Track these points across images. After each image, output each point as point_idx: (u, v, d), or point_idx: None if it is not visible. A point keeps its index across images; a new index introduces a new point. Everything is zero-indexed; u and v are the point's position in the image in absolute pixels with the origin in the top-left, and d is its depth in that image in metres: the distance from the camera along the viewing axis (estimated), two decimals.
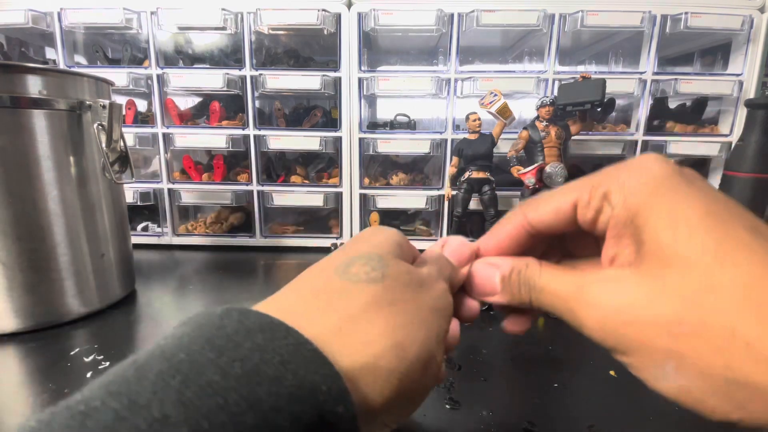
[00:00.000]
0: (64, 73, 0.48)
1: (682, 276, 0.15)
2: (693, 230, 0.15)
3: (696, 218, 0.15)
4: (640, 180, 0.17)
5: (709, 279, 0.14)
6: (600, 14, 0.69)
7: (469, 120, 0.67)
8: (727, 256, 0.14)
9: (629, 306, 0.16)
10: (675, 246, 0.15)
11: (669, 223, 0.15)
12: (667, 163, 0.17)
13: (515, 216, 0.21)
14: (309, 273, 0.19)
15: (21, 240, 0.44)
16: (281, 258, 0.75)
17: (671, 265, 0.15)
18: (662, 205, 0.16)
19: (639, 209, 0.16)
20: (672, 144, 0.75)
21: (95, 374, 0.38)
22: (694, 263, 0.14)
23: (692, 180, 0.16)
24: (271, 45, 0.81)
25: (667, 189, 0.16)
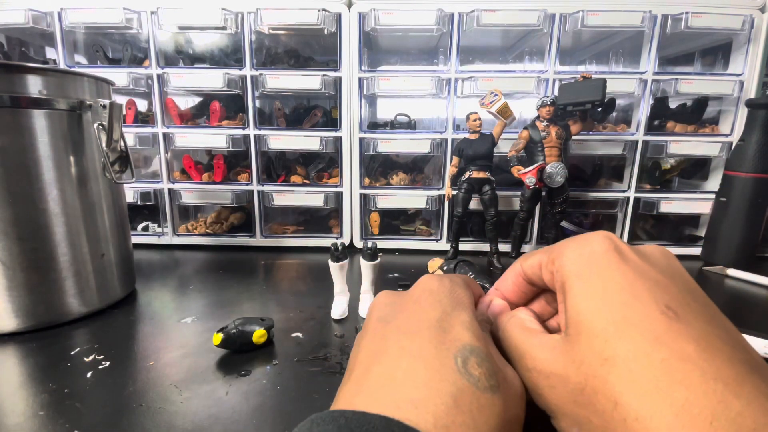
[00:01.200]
0: (65, 73, 0.48)
1: (588, 345, 0.15)
2: (606, 303, 0.16)
3: (612, 292, 0.16)
4: (578, 252, 0.18)
5: (607, 350, 0.15)
6: (600, 14, 0.69)
7: (470, 120, 0.67)
8: (627, 330, 0.15)
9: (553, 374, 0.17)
10: (587, 315, 0.16)
11: (587, 294, 0.16)
12: (609, 241, 0.18)
13: (515, 266, 0.23)
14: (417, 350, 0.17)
15: (21, 240, 0.44)
16: (281, 258, 0.75)
17: (581, 334, 0.16)
18: (588, 277, 0.17)
19: (568, 277, 0.18)
20: (672, 144, 0.74)
21: (95, 374, 0.38)
22: (598, 333, 0.15)
23: (628, 259, 0.17)
24: (272, 45, 0.81)
25: (596, 263, 0.17)
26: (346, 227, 0.81)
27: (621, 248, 0.18)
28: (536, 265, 0.21)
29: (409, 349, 0.17)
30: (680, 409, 0.13)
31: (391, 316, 0.20)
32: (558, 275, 0.18)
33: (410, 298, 0.21)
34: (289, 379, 0.38)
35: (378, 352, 0.18)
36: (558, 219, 0.70)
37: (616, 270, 0.17)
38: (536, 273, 0.21)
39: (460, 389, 0.16)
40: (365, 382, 0.17)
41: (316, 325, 0.48)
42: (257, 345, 0.42)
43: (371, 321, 0.21)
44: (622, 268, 0.17)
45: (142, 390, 0.36)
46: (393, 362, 0.17)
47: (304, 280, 0.64)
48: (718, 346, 0.14)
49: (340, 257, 0.49)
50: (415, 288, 0.22)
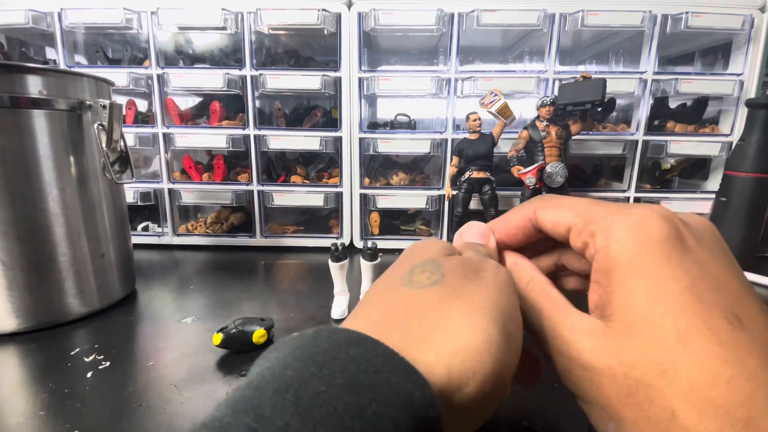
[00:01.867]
0: (64, 73, 0.48)
1: (643, 352, 0.15)
2: (668, 305, 0.15)
3: (675, 293, 0.15)
4: (632, 235, 0.16)
5: (668, 362, 0.14)
6: (600, 14, 0.69)
7: (470, 120, 0.67)
8: (692, 341, 0.14)
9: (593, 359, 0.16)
10: (646, 315, 0.15)
11: (647, 291, 0.15)
12: (669, 224, 0.16)
13: (526, 206, 0.22)
14: (376, 290, 0.19)
15: (21, 240, 0.44)
16: (281, 258, 0.75)
17: (637, 334, 0.15)
18: (645, 269, 0.15)
19: (620, 264, 0.16)
20: (672, 144, 0.74)
21: (95, 374, 0.38)
22: (659, 340, 0.15)
23: (689, 249, 0.16)
24: (272, 45, 0.81)
25: (656, 254, 0.16)
26: (346, 227, 0.81)
27: (682, 234, 0.16)
28: (561, 224, 0.19)
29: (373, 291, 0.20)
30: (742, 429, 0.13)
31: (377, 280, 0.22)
32: (602, 256, 0.17)
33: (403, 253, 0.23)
34: None
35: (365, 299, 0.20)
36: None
37: (678, 265, 0.15)
38: (559, 232, 0.19)
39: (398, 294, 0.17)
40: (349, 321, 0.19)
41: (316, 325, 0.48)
42: (257, 345, 0.42)
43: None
44: (685, 263, 0.15)
45: (142, 390, 0.36)
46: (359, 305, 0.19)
47: (304, 280, 0.64)
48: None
49: (340, 257, 0.49)
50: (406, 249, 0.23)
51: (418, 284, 0.17)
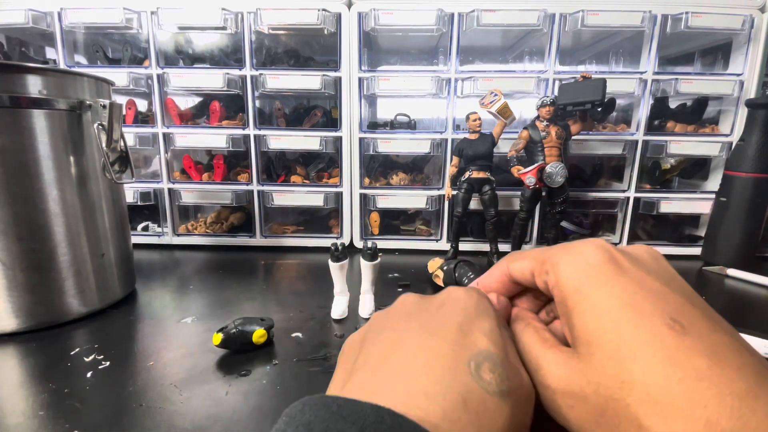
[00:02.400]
0: (64, 73, 0.48)
1: (603, 368, 0.16)
2: (612, 321, 0.16)
3: (616, 309, 0.16)
4: (573, 265, 0.18)
5: (624, 373, 0.15)
6: (600, 14, 0.69)
7: (470, 120, 0.67)
8: (639, 350, 0.15)
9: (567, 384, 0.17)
10: (597, 334, 0.16)
11: (591, 312, 0.17)
12: (603, 251, 0.18)
13: (502, 265, 0.23)
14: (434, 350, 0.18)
15: (21, 240, 0.44)
16: (281, 258, 0.75)
17: (596, 356, 0.16)
18: (588, 292, 0.17)
19: (568, 294, 0.18)
20: (672, 144, 0.74)
21: (95, 374, 0.38)
22: (613, 356, 0.15)
23: (625, 270, 0.17)
24: (271, 45, 0.81)
25: (595, 277, 0.17)
26: (346, 227, 0.81)
27: (616, 258, 0.18)
28: (526, 271, 0.21)
29: (428, 346, 0.18)
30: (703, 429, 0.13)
31: (416, 315, 0.20)
32: (556, 290, 0.18)
33: (436, 301, 0.21)
34: (289, 379, 0.38)
35: (398, 345, 0.18)
36: (558, 219, 0.70)
37: (615, 284, 0.17)
38: (527, 278, 0.21)
39: (469, 390, 0.16)
40: (380, 371, 0.17)
41: (316, 325, 0.48)
42: (257, 345, 0.42)
43: (394, 315, 0.21)
44: (621, 282, 0.17)
45: (142, 390, 0.36)
46: (411, 355, 0.18)
47: (304, 280, 0.64)
48: (726, 356, 0.14)
49: (340, 257, 0.49)
50: (442, 294, 0.22)
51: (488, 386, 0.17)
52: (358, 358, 0.19)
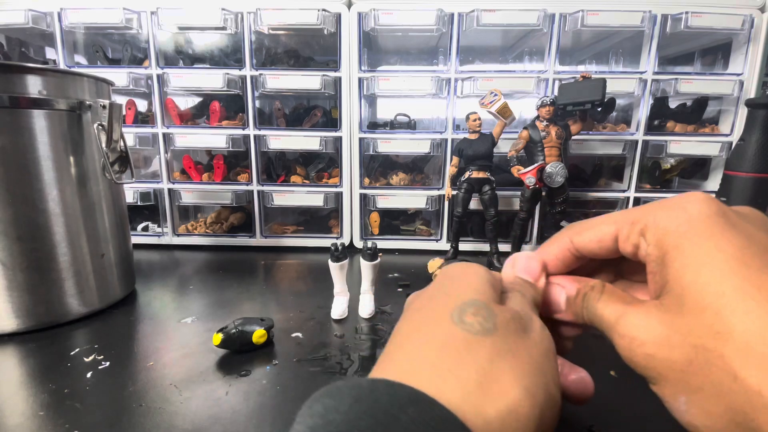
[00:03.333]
0: (64, 73, 0.48)
1: (696, 318, 0.15)
2: (715, 273, 0.15)
3: (721, 262, 0.15)
4: (675, 220, 0.17)
5: (720, 324, 0.14)
6: (600, 14, 0.69)
7: (469, 120, 0.67)
8: (741, 302, 0.14)
9: (651, 342, 0.16)
10: (695, 287, 0.15)
11: (693, 265, 0.16)
12: (709, 204, 0.17)
13: (561, 238, 0.22)
14: (423, 321, 0.19)
15: (21, 240, 0.44)
16: (281, 258, 0.75)
17: (688, 306, 0.15)
18: (691, 246, 0.16)
19: (669, 249, 0.17)
20: (672, 144, 0.74)
21: (95, 374, 0.38)
22: (709, 306, 0.15)
23: (734, 223, 0.16)
24: (271, 45, 0.81)
25: (700, 231, 0.16)
26: (346, 227, 0.81)
27: (725, 211, 0.17)
28: (608, 237, 0.20)
29: (416, 321, 0.19)
30: None
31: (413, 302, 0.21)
32: (654, 247, 0.18)
33: (434, 282, 0.22)
34: (289, 379, 0.38)
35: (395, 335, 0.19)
36: (558, 219, 0.70)
37: (722, 237, 0.16)
38: (607, 246, 0.20)
39: (449, 334, 0.17)
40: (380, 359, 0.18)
41: (316, 325, 0.48)
42: (257, 345, 0.42)
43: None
44: (729, 234, 0.16)
45: (142, 390, 0.36)
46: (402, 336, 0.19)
47: (304, 280, 0.64)
48: None
49: (340, 257, 0.49)
50: (441, 272, 0.23)
51: (470, 327, 0.17)
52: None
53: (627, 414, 0.33)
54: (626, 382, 0.37)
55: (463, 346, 0.16)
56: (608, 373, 0.38)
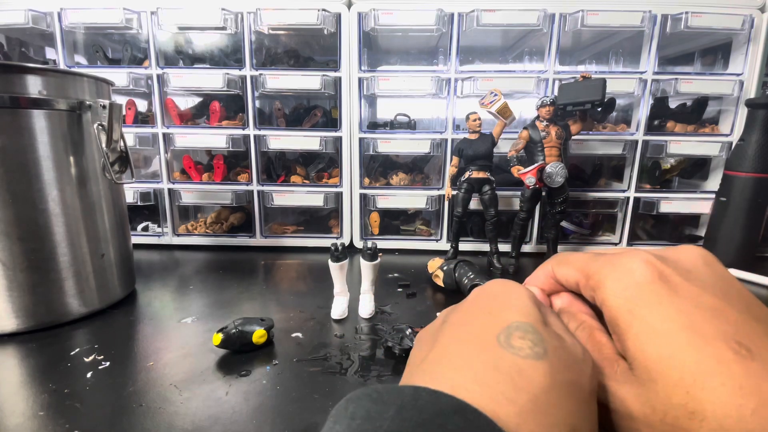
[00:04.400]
0: (64, 73, 0.48)
1: (667, 396, 0.15)
2: (672, 346, 0.15)
3: (675, 333, 0.15)
4: (620, 284, 0.17)
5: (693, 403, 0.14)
6: (600, 14, 0.69)
7: (469, 120, 0.67)
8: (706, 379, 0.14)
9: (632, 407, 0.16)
10: (658, 360, 0.15)
11: (650, 335, 0.16)
12: (651, 268, 0.17)
13: (546, 267, 0.23)
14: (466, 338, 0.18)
15: (21, 240, 0.44)
16: (281, 258, 0.75)
17: (656, 382, 0.15)
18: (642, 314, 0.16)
19: (618, 315, 0.17)
20: (672, 144, 0.74)
21: (95, 374, 0.38)
22: (678, 383, 0.15)
23: (675, 287, 0.16)
24: (271, 45, 0.81)
25: (647, 299, 0.16)
26: (346, 227, 0.81)
27: (665, 275, 0.17)
28: (571, 280, 0.21)
29: (458, 336, 0.18)
30: None
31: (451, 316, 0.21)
32: (604, 308, 0.18)
33: (469, 298, 0.21)
34: (289, 379, 0.38)
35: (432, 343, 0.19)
36: (558, 219, 0.70)
37: (669, 305, 0.16)
38: (572, 287, 0.21)
39: (500, 357, 0.16)
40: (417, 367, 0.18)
41: (316, 325, 0.48)
42: (257, 345, 0.42)
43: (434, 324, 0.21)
44: (675, 302, 0.16)
45: (142, 390, 0.36)
46: (443, 348, 0.18)
47: (304, 280, 0.64)
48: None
49: (340, 257, 0.49)
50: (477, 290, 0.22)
51: (519, 351, 0.16)
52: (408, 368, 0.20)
53: None
54: None
55: (514, 370, 0.16)
56: None
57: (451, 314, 0.21)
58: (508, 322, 0.18)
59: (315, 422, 0.32)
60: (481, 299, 0.20)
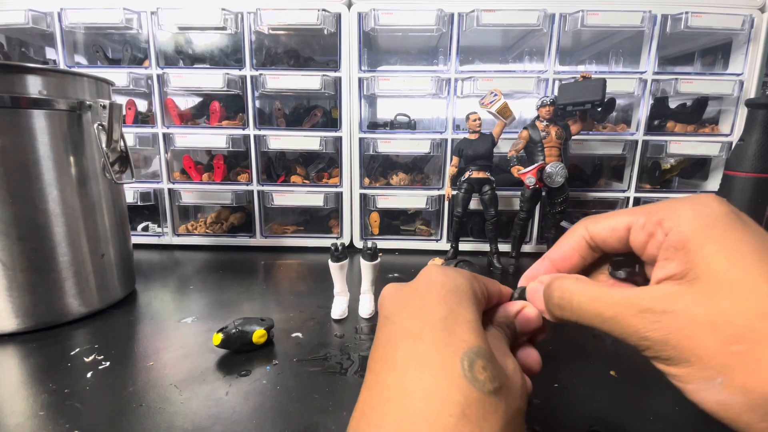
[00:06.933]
0: (64, 73, 0.48)
1: (739, 301, 0.16)
2: (746, 261, 0.16)
3: (749, 252, 0.17)
4: (697, 212, 0.18)
5: (764, 305, 0.16)
6: (600, 14, 0.69)
7: (469, 120, 0.67)
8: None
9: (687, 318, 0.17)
10: (730, 273, 0.16)
11: (724, 253, 0.17)
12: (725, 203, 0.19)
13: (577, 230, 0.23)
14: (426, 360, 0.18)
15: (21, 240, 0.44)
16: (281, 258, 0.75)
17: (727, 290, 0.16)
18: (718, 235, 0.17)
19: (692, 236, 0.18)
20: (672, 144, 0.74)
21: (95, 374, 0.38)
22: (750, 291, 0.16)
23: (747, 222, 0.18)
24: (271, 45, 0.81)
25: (723, 224, 0.18)
26: (346, 227, 0.81)
27: (737, 211, 0.18)
28: (622, 226, 0.21)
29: (415, 356, 0.18)
30: None
31: (397, 314, 0.20)
32: (674, 234, 0.18)
33: (415, 291, 0.21)
34: (289, 379, 0.38)
35: (386, 359, 0.19)
36: (558, 219, 0.70)
37: (743, 231, 0.17)
38: (618, 235, 0.21)
39: (467, 398, 0.17)
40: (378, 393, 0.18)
41: (316, 325, 0.48)
42: (257, 345, 0.42)
43: (380, 319, 0.21)
44: (748, 230, 0.17)
45: (142, 390, 0.36)
46: (401, 372, 0.18)
47: (304, 280, 0.64)
48: None
49: (340, 257, 0.49)
50: (420, 280, 0.22)
51: (483, 387, 0.17)
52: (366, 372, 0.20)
53: (627, 413, 0.33)
54: (626, 382, 0.37)
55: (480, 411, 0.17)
56: (608, 373, 0.38)
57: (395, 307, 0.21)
58: (468, 344, 0.18)
59: (315, 422, 0.32)
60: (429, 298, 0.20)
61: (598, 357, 0.41)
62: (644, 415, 0.33)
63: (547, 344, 0.44)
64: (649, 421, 0.32)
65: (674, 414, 0.33)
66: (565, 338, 0.45)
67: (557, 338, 0.45)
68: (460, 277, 0.21)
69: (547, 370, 0.39)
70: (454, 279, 0.21)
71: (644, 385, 0.36)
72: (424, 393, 0.17)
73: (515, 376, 0.19)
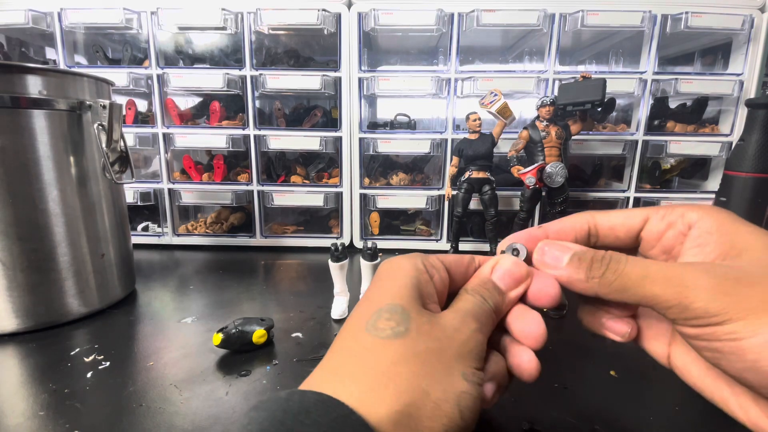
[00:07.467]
0: (64, 73, 0.48)
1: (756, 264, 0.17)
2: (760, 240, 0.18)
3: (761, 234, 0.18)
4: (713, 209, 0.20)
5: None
6: (600, 14, 0.69)
7: (469, 120, 0.67)
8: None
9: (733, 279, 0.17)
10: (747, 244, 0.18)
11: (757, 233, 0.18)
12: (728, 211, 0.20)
13: (583, 215, 0.23)
14: (344, 331, 0.20)
15: (21, 240, 0.44)
16: (281, 258, 0.75)
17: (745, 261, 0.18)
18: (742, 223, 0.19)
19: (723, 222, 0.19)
20: (672, 144, 0.74)
21: (95, 374, 0.38)
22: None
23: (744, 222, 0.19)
24: (271, 45, 0.81)
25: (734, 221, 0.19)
26: (346, 227, 0.81)
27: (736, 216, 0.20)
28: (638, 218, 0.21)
29: (341, 333, 0.21)
30: None
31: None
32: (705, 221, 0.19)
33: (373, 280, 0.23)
34: (289, 379, 0.38)
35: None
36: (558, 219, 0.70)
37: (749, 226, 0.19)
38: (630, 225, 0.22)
39: (358, 342, 0.19)
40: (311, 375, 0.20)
41: (316, 325, 0.48)
42: (257, 345, 0.42)
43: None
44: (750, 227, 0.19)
45: (142, 390, 0.36)
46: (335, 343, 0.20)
47: (304, 280, 0.64)
48: None
49: (340, 257, 0.49)
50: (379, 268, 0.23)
51: (381, 333, 0.19)
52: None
53: (627, 413, 0.33)
54: (626, 382, 0.37)
55: (367, 351, 0.18)
56: (608, 373, 0.38)
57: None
58: (381, 305, 0.20)
59: None
60: (374, 282, 0.22)
61: (598, 357, 0.41)
62: (644, 415, 0.33)
63: (547, 344, 0.44)
64: (649, 421, 0.32)
65: (674, 414, 0.33)
66: (565, 338, 0.45)
67: (557, 338, 0.45)
68: (404, 259, 0.22)
69: (547, 370, 0.39)
70: (397, 261, 0.22)
71: (644, 385, 0.36)
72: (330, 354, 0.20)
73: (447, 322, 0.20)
